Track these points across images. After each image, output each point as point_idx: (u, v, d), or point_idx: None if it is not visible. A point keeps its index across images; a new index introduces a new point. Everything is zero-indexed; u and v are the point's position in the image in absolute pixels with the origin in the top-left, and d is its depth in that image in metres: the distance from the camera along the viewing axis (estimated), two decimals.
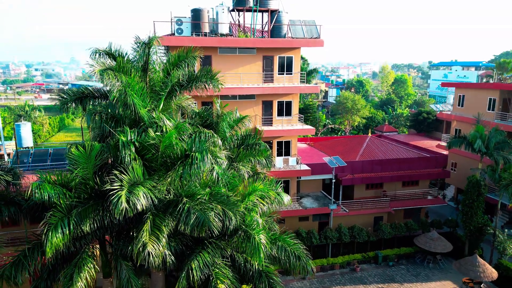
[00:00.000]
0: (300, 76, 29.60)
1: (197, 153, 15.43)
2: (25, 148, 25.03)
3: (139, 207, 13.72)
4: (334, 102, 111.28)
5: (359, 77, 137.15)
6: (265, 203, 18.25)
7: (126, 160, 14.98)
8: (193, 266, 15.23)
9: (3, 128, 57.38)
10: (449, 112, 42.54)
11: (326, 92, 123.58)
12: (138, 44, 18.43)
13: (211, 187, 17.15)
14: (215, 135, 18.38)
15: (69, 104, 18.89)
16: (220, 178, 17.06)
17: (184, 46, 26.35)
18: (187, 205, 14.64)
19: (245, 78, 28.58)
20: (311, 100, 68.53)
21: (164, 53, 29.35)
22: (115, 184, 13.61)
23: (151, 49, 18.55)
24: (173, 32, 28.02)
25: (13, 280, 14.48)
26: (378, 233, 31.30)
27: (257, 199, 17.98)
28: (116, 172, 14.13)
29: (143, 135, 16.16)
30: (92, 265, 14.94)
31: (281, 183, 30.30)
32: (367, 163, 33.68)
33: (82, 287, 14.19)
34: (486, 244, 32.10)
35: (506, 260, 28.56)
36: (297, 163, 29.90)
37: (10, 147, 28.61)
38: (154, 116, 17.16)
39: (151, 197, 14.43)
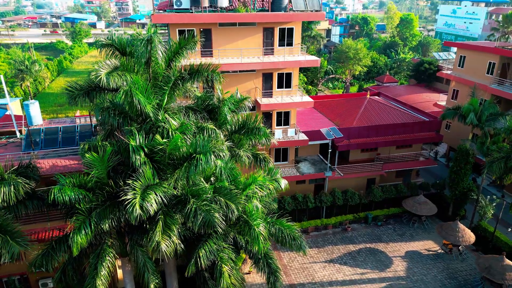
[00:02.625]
0: (301, 46, 29.66)
1: (201, 155, 16.73)
2: (36, 126, 26.15)
3: (151, 212, 15.42)
4: (337, 42, 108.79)
5: (364, 14, 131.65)
6: (263, 191, 19.91)
7: (137, 164, 16.35)
8: (201, 254, 17.37)
9: (6, 82, 57.48)
10: (449, 72, 42.65)
11: (329, 31, 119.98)
12: (141, 41, 18.67)
13: (215, 182, 18.76)
14: (218, 131, 19.50)
15: (77, 98, 19.78)
16: (223, 172, 18.63)
17: (184, 23, 26.45)
18: (194, 206, 16.31)
19: (245, 51, 28.69)
20: (312, 48, 67.45)
21: (165, 31, 29.10)
22: (129, 194, 15.12)
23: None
24: (171, 3, 27.56)
25: (44, 268, 16.68)
26: (369, 196, 33.59)
27: (256, 188, 19.64)
28: (130, 181, 15.55)
29: (151, 137, 17.34)
30: (112, 255, 17.10)
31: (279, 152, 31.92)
32: (363, 129, 34.92)
33: (105, 275, 16.48)
34: (470, 205, 34.56)
35: (485, 222, 31.18)
36: (296, 133, 31.14)
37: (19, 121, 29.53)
38: (159, 116, 18.14)
39: (161, 197, 16.06)
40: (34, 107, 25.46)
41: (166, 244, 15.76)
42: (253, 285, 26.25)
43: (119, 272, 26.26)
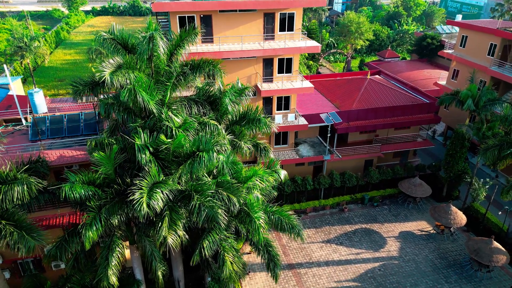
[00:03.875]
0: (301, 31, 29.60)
1: (204, 153, 17.46)
2: (41, 115, 26.63)
3: (158, 210, 16.34)
4: (339, 12, 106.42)
5: None
6: (263, 182, 20.78)
7: (143, 162, 17.11)
8: (205, 245, 18.49)
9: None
10: (450, 51, 42.44)
11: None
12: (143, 39, 18.87)
13: (217, 175, 19.58)
14: (220, 127, 20.10)
15: (82, 93, 20.23)
16: (225, 166, 19.45)
17: (184, 11, 26.36)
18: (198, 202, 17.20)
19: (246, 36, 28.67)
20: (314, 22, 66.42)
21: (165, 18, 28.93)
22: (137, 194, 15.97)
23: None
24: None
25: (58, 258, 17.85)
26: (367, 177, 34.58)
27: (257, 180, 20.50)
28: (137, 181, 16.35)
29: (155, 135, 17.96)
30: (121, 246, 18.25)
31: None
32: (362, 112, 35.38)
33: (115, 265, 17.69)
34: (464, 185, 35.61)
35: (477, 204, 32.36)
36: (295, 118, 31.66)
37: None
38: (163, 113, 18.69)
39: (167, 194, 16.95)
40: (39, 96, 25.85)
41: (172, 239, 16.80)
42: (254, 264, 27.73)
43: (127, 252, 27.68)
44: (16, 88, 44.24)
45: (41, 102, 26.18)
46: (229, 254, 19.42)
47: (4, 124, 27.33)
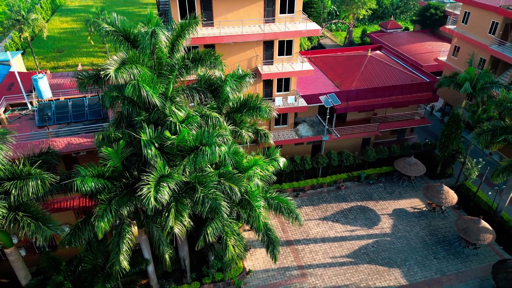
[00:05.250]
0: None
1: (207, 147, 18.35)
2: (46, 100, 27.19)
3: (164, 202, 17.45)
4: None
5: None
6: (263, 171, 21.79)
7: (149, 157, 18.02)
8: (208, 231, 19.79)
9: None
10: (452, 27, 42.06)
11: None
12: (145, 34, 19.16)
13: (220, 165, 20.55)
14: (221, 119, 20.80)
15: (87, 85, 20.78)
16: (227, 157, 20.39)
17: None
18: (202, 194, 18.28)
19: (246, 20, 28.61)
20: None
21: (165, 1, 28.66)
22: (144, 189, 17.00)
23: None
24: None
25: (73, 244, 19.20)
26: (364, 157, 35.62)
27: (257, 169, 21.50)
28: (144, 177, 17.32)
29: (159, 129, 18.74)
30: (131, 232, 19.56)
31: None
32: (361, 92, 35.81)
33: (126, 251, 19.09)
34: (458, 163, 36.73)
35: (469, 182, 33.62)
36: (295, 100, 32.18)
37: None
38: (166, 106, 19.36)
39: (173, 187, 18.01)
40: (43, 82, 26.31)
41: (178, 229, 18.04)
42: (254, 241, 29.36)
43: (135, 230, 29.24)
44: (17, 64, 44.41)
45: (45, 87, 26.69)
46: (231, 239, 20.80)
47: (10, 108, 27.97)
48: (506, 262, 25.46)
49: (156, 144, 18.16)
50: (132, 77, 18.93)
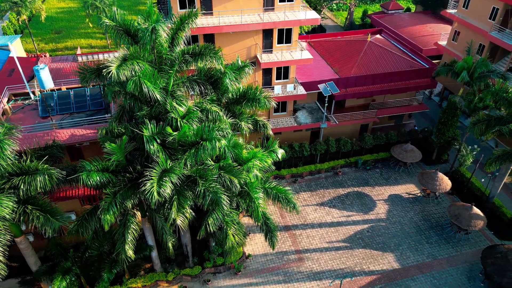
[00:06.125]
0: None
1: (207, 142, 18.96)
2: (48, 91, 27.54)
3: (167, 196, 18.22)
4: None
5: None
6: (262, 163, 22.46)
7: (152, 152, 18.66)
8: (209, 222, 20.65)
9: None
10: (452, 12, 41.77)
11: None
12: (145, 31, 19.41)
13: (220, 158, 21.20)
14: (221, 113, 21.28)
15: (89, 79, 21.19)
16: (226, 151, 21.01)
17: None
18: (203, 188, 19.02)
19: (245, 9, 28.58)
20: None
21: None
22: (148, 184, 17.70)
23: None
24: None
25: (80, 234, 20.12)
26: (361, 143, 36.24)
27: (256, 161, 22.17)
28: (147, 172, 17.99)
29: (161, 125, 19.28)
30: (135, 222, 20.45)
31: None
32: (360, 79, 36.05)
33: (131, 240, 20.03)
34: (453, 149, 37.36)
35: (464, 168, 34.42)
36: (294, 88, 32.49)
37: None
38: (167, 102, 19.83)
39: (175, 181, 18.74)
40: (45, 72, 26.54)
41: (181, 220, 18.89)
42: (253, 226, 30.37)
43: (138, 214, 30.22)
44: (16, 49, 44.32)
45: (47, 78, 26.93)
46: (231, 228, 21.72)
47: (13, 98, 28.36)
48: (495, 247, 26.53)
49: (158, 140, 18.75)
50: (133, 73, 19.32)
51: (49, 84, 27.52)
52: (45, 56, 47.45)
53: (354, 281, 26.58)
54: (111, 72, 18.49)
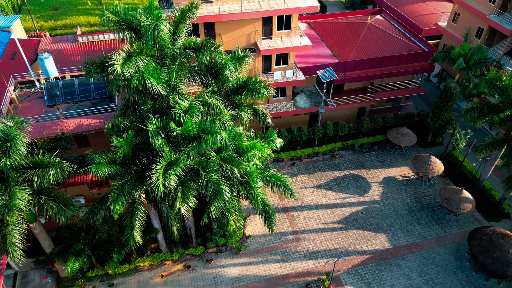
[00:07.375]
0: None
1: (209, 136, 19.98)
2: (53, 79, 28.18)
3: (172, 188, 19.43)
4: None
5: None
6: (261, 154, 23.52)
7: (157, 146, 19.71)
8: (212, 209, 22.00)
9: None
10: None
11: None
12: (147, 28, 19.95)
13: (221, 149, 22.25)
14: (221, 107, 22.13)
15: (93, 73, 21.92)
16: (227, 143, 22.05)
17: None
18: (205, 179, 20.20)
19: None
20: None
21: None
22: (154, 177, 18.85)
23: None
24: None
25: (91, 221, 21.52)
26: (358, 127, 37.18)
27: (256, 151, 23.24)
28: (152, 167, 19.10)
29: (165, 119, 20.20)
30: (142, 210, 21.80)
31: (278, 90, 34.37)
32: (358, 63, 36.50)
33: (139, 227, 21.46)
34: (448, 133, 38.35)
35: (457, 152, 35.55)
36: (293, 74, 33.06)
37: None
38: (170, 97, 20.67)
39: (179, 173, 19.91)
40: (49, 61, 27.10)
41: (185, 209, 20.21)
42: (252, 209, 31.79)
43: (145, 201, 31.70)
44: (17, 29, 44.37)
45: (52, 67, 27.45)
46: (233, 215, 23.10)
47: (19, 86, 29.07)
48: (482, 229, 28.06)
49: (162, 135, 19.75)
50: (137, 69, 20.05)
51: (53, 73, 28.09)
52: (45, 35, 47.51)
53: (348, 260, 28.31)
54: (116, 70, 19.21)
